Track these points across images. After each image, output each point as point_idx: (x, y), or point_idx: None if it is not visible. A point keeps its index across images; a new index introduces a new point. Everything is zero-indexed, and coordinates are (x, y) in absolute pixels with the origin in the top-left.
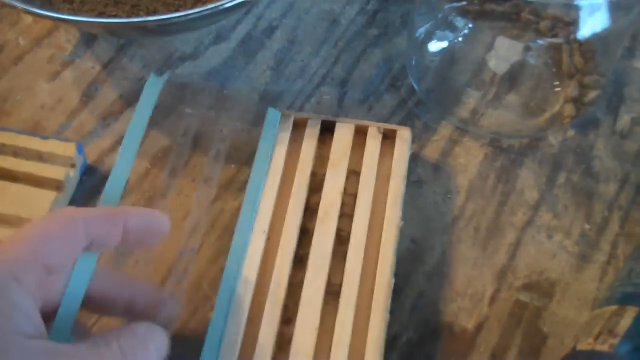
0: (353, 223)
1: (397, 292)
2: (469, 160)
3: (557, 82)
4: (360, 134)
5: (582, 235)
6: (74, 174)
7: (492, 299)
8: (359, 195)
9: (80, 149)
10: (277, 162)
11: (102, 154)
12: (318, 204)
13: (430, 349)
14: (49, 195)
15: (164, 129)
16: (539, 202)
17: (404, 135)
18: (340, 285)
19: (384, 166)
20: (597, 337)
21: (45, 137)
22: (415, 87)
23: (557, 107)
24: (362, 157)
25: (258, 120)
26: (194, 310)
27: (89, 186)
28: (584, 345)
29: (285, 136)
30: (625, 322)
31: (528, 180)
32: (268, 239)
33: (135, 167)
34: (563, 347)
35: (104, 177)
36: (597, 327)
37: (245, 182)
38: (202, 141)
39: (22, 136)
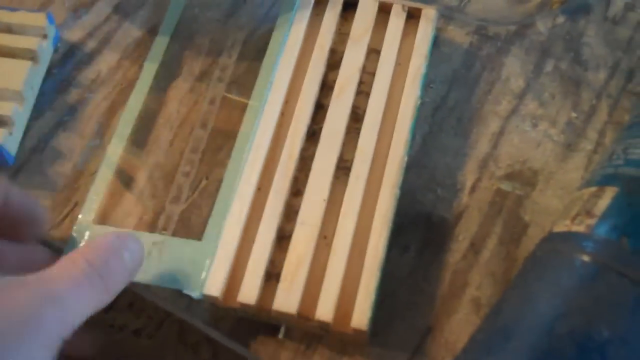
0: (370, 100)
1: None
2: (454, 49)
3: None
4: (384, 12)
5: (569, 124)
6: (46, 44)
7: (473, 189)
8: (377, 72)
9: (50, 20)
10: (295, 37)
11: (73, 46)
12: (335, 81)
13: (407, 239)
14: (23, 65)
15: (136, 20)
16: (524, 91)
17: (429, 15)
18: (352, 162)
19: (406, 45)
20: (574, 219)
21: (13, 9)
22: None
23: None
24: (383, 35)
25: (234, 10)
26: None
27: (60, 79)
28: (560, 227)
29: (305, 12)
30: (604, 202)
31: (514, 68)
32: (282, 113)
33: (107, 59)
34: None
35: (75, 69)
36: (575, 209)
37: (221, 75)
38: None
39: None
